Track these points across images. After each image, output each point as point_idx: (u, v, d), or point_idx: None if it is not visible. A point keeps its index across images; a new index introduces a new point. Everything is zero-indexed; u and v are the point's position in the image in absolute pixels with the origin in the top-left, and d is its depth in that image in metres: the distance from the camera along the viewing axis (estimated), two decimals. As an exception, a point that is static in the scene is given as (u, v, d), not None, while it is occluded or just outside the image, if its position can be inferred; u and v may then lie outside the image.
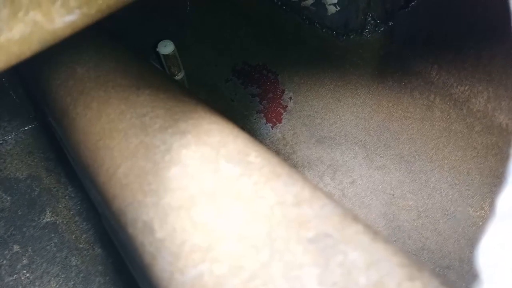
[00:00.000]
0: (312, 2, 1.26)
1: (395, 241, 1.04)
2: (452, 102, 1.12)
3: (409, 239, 1.04)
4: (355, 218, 0.50)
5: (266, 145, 1.18)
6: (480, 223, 1.03)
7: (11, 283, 1.02)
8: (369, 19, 1.23)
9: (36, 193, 1.13)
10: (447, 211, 1.05)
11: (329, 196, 0.53)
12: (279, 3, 1.35)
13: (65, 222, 1.10)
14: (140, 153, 0.60)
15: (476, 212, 1.04)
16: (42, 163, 1.17)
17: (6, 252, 1.05)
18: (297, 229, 0.48)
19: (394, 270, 0.44)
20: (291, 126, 1.22)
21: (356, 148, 1.17)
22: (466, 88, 1.09)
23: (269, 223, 0.49)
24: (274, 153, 0.61)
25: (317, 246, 0.46)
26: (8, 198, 1.12)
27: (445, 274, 0.99)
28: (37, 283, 1.02)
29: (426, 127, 1.15)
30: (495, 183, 1.05)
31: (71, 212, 1.11)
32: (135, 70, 0.77)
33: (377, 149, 1.16)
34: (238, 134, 0.62)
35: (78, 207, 1.12)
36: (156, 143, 0.60)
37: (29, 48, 0.47)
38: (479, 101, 1.07)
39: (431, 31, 1.13)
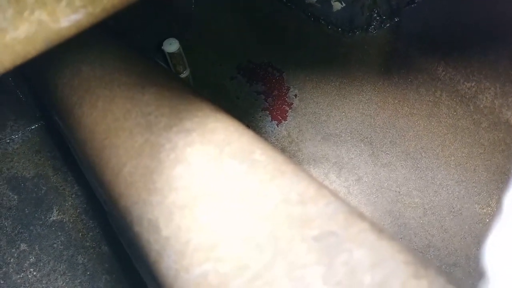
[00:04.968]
0: (317, -1, 1.25)
1: (401, 238, 1.03)
2: (459, 98, 1.11)
3: (415, 236, 1.04)
4: (361, 216, 0.50)
5: (271, 143, 1.18)
6: (487, 220, 1.02)
7: (18, 281, 1.02)
8: (375, 15, 1.23)
9: (43, 192, 1.14)
10: (453, 208, 1.05)
11: (335, 193, 0.53)
12: (284, 0, 1.35)
13: (71, 220, 1.10)
14: (145, 151, 0.60)
15: (483, 209, 1.03)
16: (49, 162, 1.18)
17: (14, 250, 1.06)
18: (301, 228, 0.48)
19: (399, 268, 0.44)
20: (296, 123, 1.22)
21: (362, 145, 1.16)
22: (473, 84, 1.08)
23: (273, 222, 0.49)
24: (279, 150, 0.61)
25: (321, 245, 0.46)
26: (15, 197, 1.13)
27: (452, 272, 0.98)
28: (44, 281, 1.03)
29: (433, 123, 1.14)
30: (502, 180, 1.04)
31: (78, 211, 1.12)
32: (140, 69, 0.77)
33: (383, 146, 1.15)
34: (243, 132, 0.61)
35: (85, 205, 1.12)
36: (161, 142, 0.60)
37: (34, 48, 0.47)
38: (486, 98, 1.06)
39: (437, 27, 1.12)
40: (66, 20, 0.48)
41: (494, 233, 0.33)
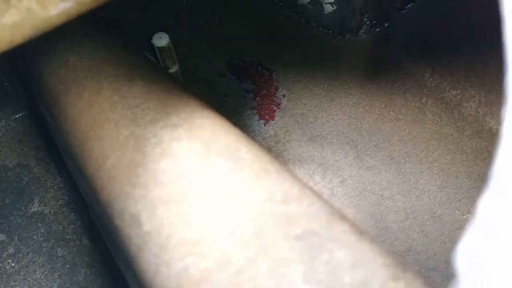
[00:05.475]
0: (309, 0, 1.26)
1: (382, 241, 1.04)
2: (444, 105, 1.13)
3: (396, 240, 1.05)
4: (343, 217, 0.50)
5: (258, 142, 1.18)
6: (467, 226, 1.03)
7: (-4, 271, 1.01)
8: (365, 19, 1.24)
9: (24, 182, 1.12)
10: (434, 213, 1.06)
11: (318, 194, 0.53)
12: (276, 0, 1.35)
13: (52, 212, 1.09)
14: (130, 144, 0.60)
15: (463, 215, 1.05)
16: (32, 152, 1.16)
17: (-8, 240, 1.04)
18: (284, 226, 0.48)
19: (378, 269, 0.44)
20: (283, 123, 1.22)
21: (347, 148, 1.17)
22: (458, 92, 1.10)
23: (257, 220, 0.49)
24: (265, 149, 0.61)
25: (303, 244, 0.46)
26: (-4, 186, 1.11)
27: (431, 276, 0.99)
28: (22, 273, 1.01)
29: (417, 129, 1.15)
30: (483, 187, 1.06)
31: (59, 203, 1.10)
32: (128, 61, 0.76)
33: (368, 149, 1.16)
34: (229, 129, 0.61)
35: (67, 197, 1.11)
36: (147, 135, 0.60)
37: (21, 35, 0.47)
38: (471, 105, 1.08)
39: (426, 34, 1.14)
40: (55, 8, 0.47)
41: (467, 238, 0.33)
